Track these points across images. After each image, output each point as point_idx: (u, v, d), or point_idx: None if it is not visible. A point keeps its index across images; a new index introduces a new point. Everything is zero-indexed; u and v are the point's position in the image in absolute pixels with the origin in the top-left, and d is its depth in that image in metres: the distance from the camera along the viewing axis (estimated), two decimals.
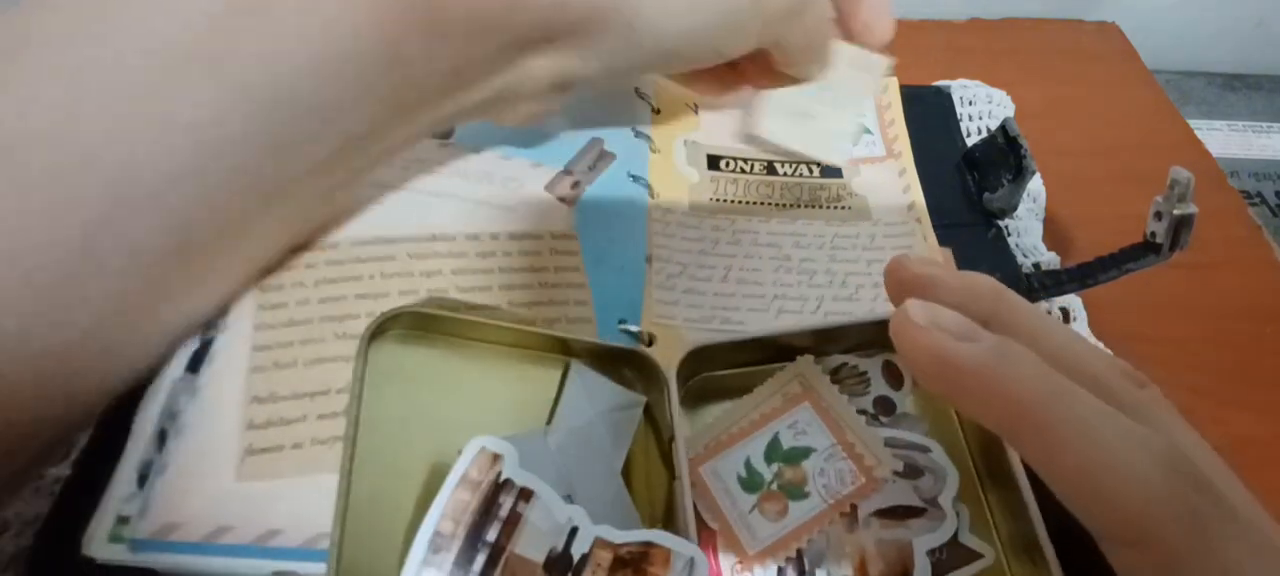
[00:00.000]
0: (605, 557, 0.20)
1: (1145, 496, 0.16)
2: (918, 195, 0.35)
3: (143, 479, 0.20)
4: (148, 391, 0.22)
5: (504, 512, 0.20)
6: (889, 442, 0.24)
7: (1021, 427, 0.17)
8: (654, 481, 0.25)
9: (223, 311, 0.24)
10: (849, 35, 0.33)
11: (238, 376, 0.23)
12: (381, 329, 0.23)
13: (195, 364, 0.23)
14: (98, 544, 0.19)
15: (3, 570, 0.23)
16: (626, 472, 0.24)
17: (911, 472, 0.24)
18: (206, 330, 0.24)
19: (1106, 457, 0.16)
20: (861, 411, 0.25)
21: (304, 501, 0.21)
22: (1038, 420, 0.17)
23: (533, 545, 0.20)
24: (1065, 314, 0.33)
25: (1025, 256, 0.35)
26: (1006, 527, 0.23)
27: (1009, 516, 0.23)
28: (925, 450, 0.25)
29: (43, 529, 0.24)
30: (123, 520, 0.20)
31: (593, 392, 0.25)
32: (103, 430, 0.26)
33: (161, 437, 0.21)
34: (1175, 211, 0.27)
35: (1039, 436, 0.17)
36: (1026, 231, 0.36)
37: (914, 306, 0.19)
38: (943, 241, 0.34)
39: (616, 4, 0.23)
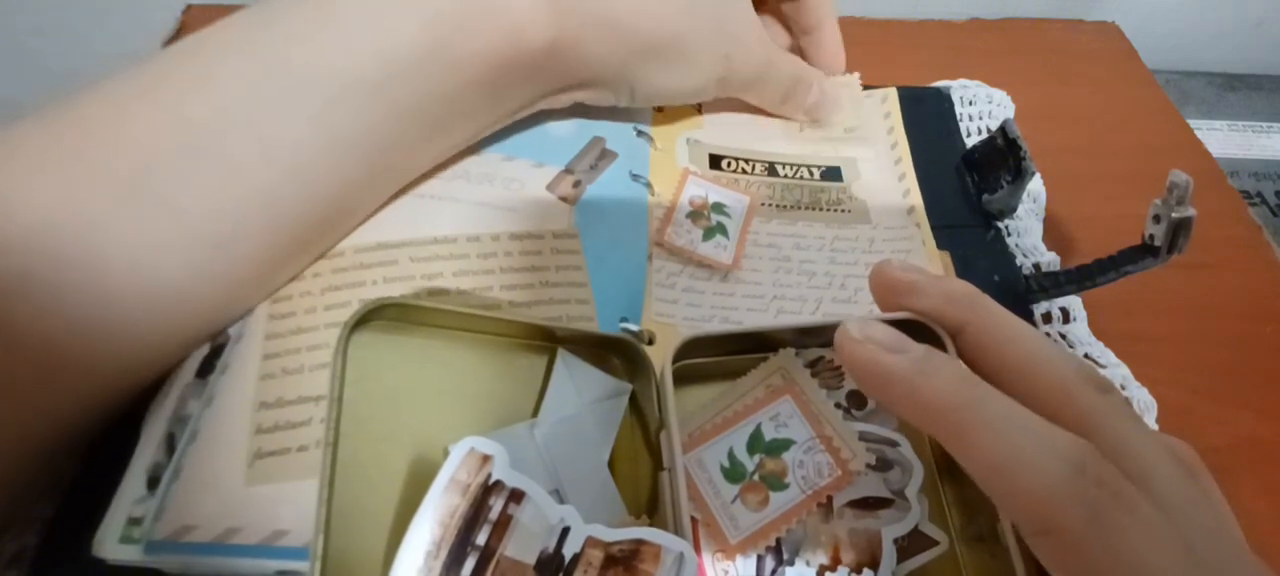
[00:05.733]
0: (597, 556, 0.20)
1: (1048, 490, 0.17)
2: (917, 198, 0.35)
3: (152, 482, 0.21)
4: (157, 396, 0.22)
5: (494, 515, 0.20)
6: (862, 436, 0.25)
7: (942, 429, 0.19)
8: (639, 469, 0.25)
9: (236, 321, 0.25)
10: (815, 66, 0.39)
11: (248, 383, 0.23)
12: (364, 321, 0.23)
13: (205, 370, 0.23)
14: (109, 545, 0.20)
15: (5, 568, 0.23)
16: (610, 460, 0.25)
17: (882, 465, 0.25)
18: (217, 337, 0.24)
19: (1014, 455, 0.18)
20: (837, 405, 0.26)
21: (309, 503, 0.21)
22: (954, 422, 0.19)
23: (524, 546, 0.20)
24: (1065, 314, 0.33)
25: (1025, 257, 0.35)
26: (959, 517, 0.25)
27: (961, 507, 0.24)
28: (894, 444, 0.26)
29: (48, 529, 0.24)
30: (134, 521, 0.20)
31: (579, 382, 0.25)
32: (106, 433, 0.26)
33: (170, 442, 0.21)
34: (1173, 214, 0.27)
35: (957, 437, 0.19)
36: (1026, 232, 0.36)
37: (851, 323, 0.21)
38: (942, 243, 0.34)
39: (617, 77, 0.30)
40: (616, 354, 0.26)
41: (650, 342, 0.29)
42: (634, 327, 0.29)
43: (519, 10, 0.26)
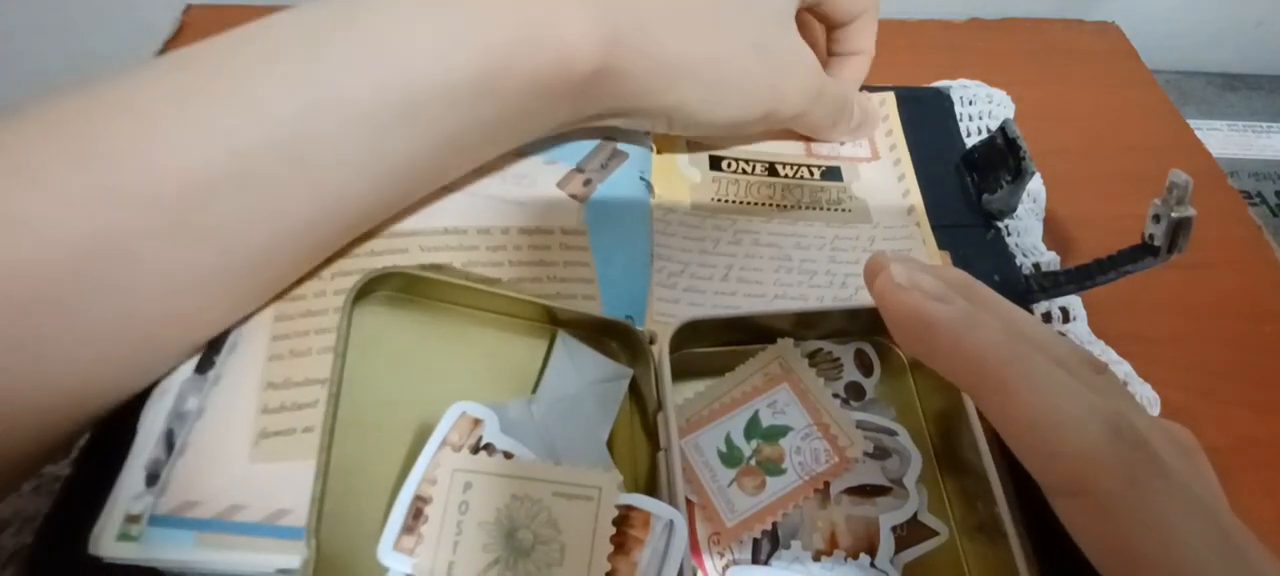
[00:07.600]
0: None
1: (1085, 450, 0.17)
2: (917, 198, 0.36)
3: (151, 478, 0.21)
4: (154, 391, 0.22)
5: None
6: (860, 425, 0.25)
7: (982, 382, 0.19)
8: (638, 454, 0.25)
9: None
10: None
11: (256, 363, 0.24)
12: (369, 289, 0.23)
13: (203, 365, 0.23)
14: (106, 543, 0.19)
15: (2, 567, 0.23)
16: (610, 445, 0.25)
17: (879, 454, 0.25)
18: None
19: (1054, 412, 0.18)
20: (835, 395, 0.26)
21: (312, 484, 0.22)
22: (996, 376, 0.19)
23: None
24: (1065, 313, 0.33)
25: (1025, 256, 0.35)
26: (960, 509, 0.25)
27: (962, 499, 0.25)
28: (892, 433, 0.26)
29: (43, 527, 0.24)
30: (132, 519, 0.20)
31: (579, 363, 0.26)
32: (103, 429, 0.26)
33: (169, 438, 0.21)
34: (1173, 214, 0.28)
35: (997, 391, 0.19)
36: (1026, 231, 0.36)
37: (897, 269, 0.21)
38: (942, 243, 0.34)
39: (654, 105, 0.29)
40: (615, 338, 0.27)
41: (652, 342, 0.29)
42: (638, 327, 0.29)
43: (569, 38, 0.25)
